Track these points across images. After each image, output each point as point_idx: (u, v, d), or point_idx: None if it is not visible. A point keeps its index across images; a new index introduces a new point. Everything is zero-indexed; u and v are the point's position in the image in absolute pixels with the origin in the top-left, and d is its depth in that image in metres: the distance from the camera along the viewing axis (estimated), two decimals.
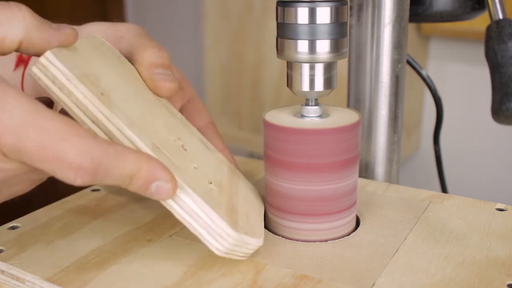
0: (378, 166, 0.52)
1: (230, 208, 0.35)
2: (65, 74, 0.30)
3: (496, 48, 0.46)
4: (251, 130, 1.33)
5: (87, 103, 0.31)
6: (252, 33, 1.25)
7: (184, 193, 0.32)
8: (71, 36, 0.32)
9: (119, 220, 0.42)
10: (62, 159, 0.28)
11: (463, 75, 1.21)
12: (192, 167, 0.35)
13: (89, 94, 0.31)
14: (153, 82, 0.38)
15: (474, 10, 0.53)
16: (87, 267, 0.35)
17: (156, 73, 0.38)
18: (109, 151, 0.29)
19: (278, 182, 0.39)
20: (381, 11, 0.48)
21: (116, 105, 0.32)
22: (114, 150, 0.29)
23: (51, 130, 0.28)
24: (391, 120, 0.51)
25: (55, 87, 0.31)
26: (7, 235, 0.40)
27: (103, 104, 0.31)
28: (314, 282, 0.34)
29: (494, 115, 0.46)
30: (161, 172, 0.31)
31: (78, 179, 0.29)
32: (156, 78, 0.38)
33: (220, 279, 0.34)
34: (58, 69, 0.30)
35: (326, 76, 0.38)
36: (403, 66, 0.51)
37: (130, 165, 0.30)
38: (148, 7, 1.71)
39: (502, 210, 0.43)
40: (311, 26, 0.37)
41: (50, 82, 0.31)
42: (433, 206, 0.44)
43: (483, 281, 0.33)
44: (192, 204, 0.32)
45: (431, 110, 0.79)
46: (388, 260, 0.36)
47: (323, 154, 0.37)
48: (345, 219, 0.39)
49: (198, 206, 0.32)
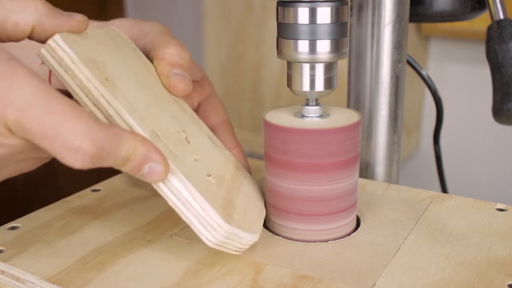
0: (378, 166, 0.52)
1: (226, 202, 0.35)
2: (71, 57, 0.32)
3: (497, 48, 0.46)
4: (251, 130, 1.33)
5: (90, 86, 0.32)
6: (252, 33, 1.25)
7: (177, 180, 0.32)
8: (82, 23, 0.33)
9: (119, 220, 0.42)
10: (63, 139, 0.28)
11: (463, 75, 1.21)
12: (192, 159, 0.36)
13: (92, 78, 0.32)
14: (169, 80, 0.39)
15: (474, 10, 0.53)
16: (87, 267, 0.35)
17: (173, 73, 0.39)
18: (109, 133, 0.30)
19: (278, 182, 0.39)
20: (381, 11, 0.48)
21: (119, 92, 0.33)
22: (112, 132, 0.30)
23: (55, 110, 0.29)
24: (391, 120, 0.51)
25: (61, 69, 0.32)
26: (7, 235, 0.40)
27: (106, 89, 0.32)
28: (314, 282, 0.34)
29: (495, 115, 0.46)
30: (154, 154, 0.31)
31: (78, 161, 0.29)
32: (172, 78, 0.39)
33: (220, 279, 0.34)
34: (65, 52, 0.32)
35: (327, 76, 0.38)
36: (403, 66, 0.51)
37: (127, 146, 0.31)
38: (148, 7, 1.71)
39: (502, 210, 0.43)
40: (311, 26, 0.37)
41: (57, 64, 0.32)
42: (433, 206, 0.44)
43: (483, 281, 0.33)
44: (185, 192, 0.32)
45: (431, 110, 0.79)
46: (389, 260, 0.36)
47: (323, 154, 0.37)
48: (345, 219, 0.39)
49: (190, 194, 0.32)
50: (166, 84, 0.39)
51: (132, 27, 0.42)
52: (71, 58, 0.32)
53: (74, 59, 0.32)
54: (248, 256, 0.37)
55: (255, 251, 0.37)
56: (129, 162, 0.31)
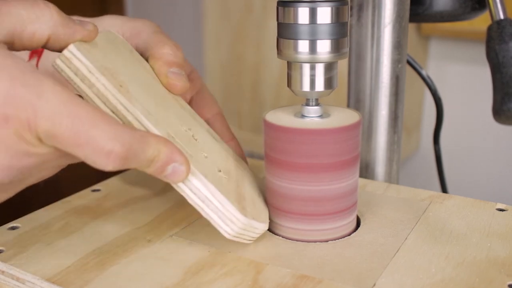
0: (378, 166, 0.52)
1: (238, 195, 0.37)
2: (87, 66, 0.32)
3: (497, 48, 0.46)
4: (251, 130, 1.33)
5: (108, 94, 0.33)
6: (252, 33, 1.25)
7: (197, 180, 0.34)
8: (93, 32, 0.34)
9: (119, 220, 0.42)
10: (94, 144, 0.29)
11: (463, 75, 1.21)
12: (203, 156, 0.37)
13: (109, 85, 0.33)
14: (168, 79, 0.40)
15: (474, 10, 0.53)
16: (87, 267, 0.35)
17: (171, 72, 0.40)
18: (136, 136, 0.31)
19: (278, 182, 0.39)
20: (381, 11, 0.48)
21: (134, 97, 0.34)
22: (139, 135, 0.31)
23: (83, 116, 0.29)
24: (391, 120, 0.51)
25: (77, 78, 0.32)
26: (7, 235, 0.40)
27: (122, 96, 0.33)
28: (315, 282, 0.34)
29: (495, 115, 0.46)
30: (177, 155, 0.33)
31: (110, 164, 0.30)
32: (170, 77, 0.40)
33: (220, 279, 0.34)
34: (80, 61, 0.32)
35: (327, 76, 0.38)
36: (403, 66, 0.50)
37: (152, 148, 0.32)
38: (148, 7, 1.71)
39: (502, 210, 0.43)
40: (311, 26, 0.37)
41: (73, 74, 0.32)
42: (433, 206, 0.44)
43: (483, 281, 0.33)
44: (205, 190, 0.34)
45: (431, 110, 0.79)
46: (389, 260, 0.36)
47: (323, 154, 0.37)
48: (345, 219, 0.39)
49: (210, 192, 0.34)
50: (165, 83, 0.40)
51: (123, 26, 0.42)
52: (87, 68, 0.32)
53: (91, 68, 0.32)
54: (248, 256, 0.37)
55: (255, 251, 0.37)
56: (154, 163, 0.32)
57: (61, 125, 0.29)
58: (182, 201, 0.46)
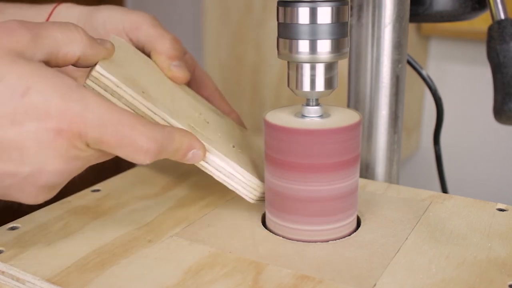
0: (378, 166, 0.52)
1: (252, 164, 0.43)
2: (115, 82, 0.37)
3: (498, 48, 0.46)
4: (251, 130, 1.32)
5: (136, 103, 0.37)
6: (252, 33, 1.25)
7: (220, 159, 0.40)
8: (111, 50, 0.38)
9: (119, 220, 0.42)
10: (135, 145, 0.34)
11: (463, 75, 1.21)
12: (218, 136, 0.42)
13: (135, 95, 0.37)
14: (171, 72, 0.45)
15: (474, 10, 0.53)
16: (87, 268, 0.35)
17: (173, 65, 0.45)
18: (165, 133, 0.36)
19: (278, 182, 0.39)
20: (381, 11, 0.48)
21: (155, 99, 0.39)
22: (167, 131, 0.36)
23: (125, 122, 0.34)
24: (391, 120, 0.51)
25: (107, 94, 0.37)
26: (7, 235, 0.40)
27: (147, 101, 0.38)
28: (315, 283, 0.34)
29: (496, 115, 0.46)
30: (196, 142, 0.38)
31: (147, 159, 0.35)
32: (173, 70, 0.45)
33: (220, 279, 0.34)
34: (108, 79, 0.36)
35: (327, 76, 0.38)
36: (403, 66, 0.50)
37: (177, 141, 0.37)
38: (148, 7, 1.71)
39: (502, 210, 0.43)
40: (312, 26, 0.37)
41: (103, 90, 0.37)
42: (434, 206, 0.44)
43: (483, 281, 0.33)
44: (227, 167, 0.40)
45: (431, 110, 0.79)
46: (389, 260, 0.36)
47: (323, 155, 0.37)
48: (345, 220, 0.39)
49: (232, 168, 0.40)
50: (169, 76, 0.45)
51: (123, 19, 0.46)
52: (114, 83, 0.36)
53: (118, 83, 0.36)
54: (249, 256, 0.37)
55: (256, 251, 0.37)
56: (178, 152, 0.37)
57: (107, 131, 0.33)
58: (182, 201, 0.46)
